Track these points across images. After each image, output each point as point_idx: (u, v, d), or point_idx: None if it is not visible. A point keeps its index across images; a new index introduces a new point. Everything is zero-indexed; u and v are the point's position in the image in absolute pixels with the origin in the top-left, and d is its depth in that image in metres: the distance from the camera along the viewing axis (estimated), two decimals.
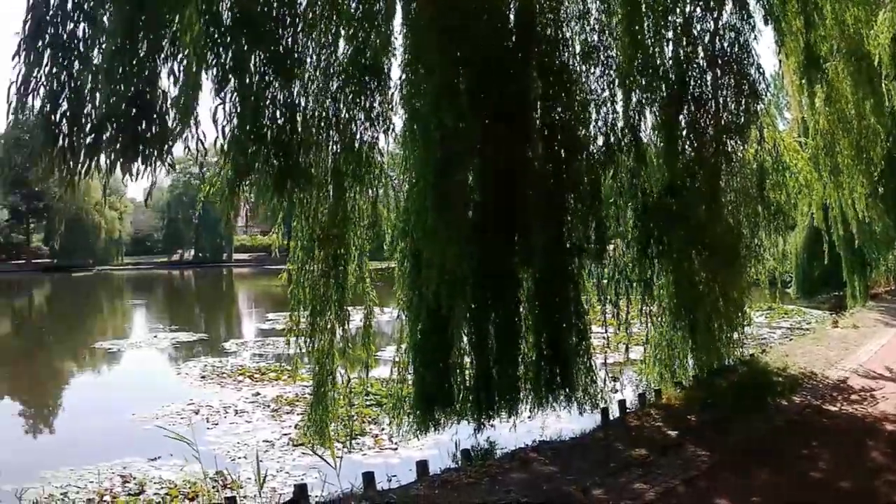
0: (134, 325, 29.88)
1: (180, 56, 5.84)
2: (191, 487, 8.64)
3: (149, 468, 9.64)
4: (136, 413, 12.26)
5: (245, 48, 6.20)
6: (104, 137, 5.74)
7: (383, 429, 10.19)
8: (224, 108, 6.24)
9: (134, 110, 5.74)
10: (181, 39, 5.78)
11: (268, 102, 6.48)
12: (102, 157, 5.77)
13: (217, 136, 6.29)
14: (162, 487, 8.92)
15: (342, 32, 7.32)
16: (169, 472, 9.38)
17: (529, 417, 8.71)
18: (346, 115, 7.36)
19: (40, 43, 5.59)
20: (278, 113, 6.59)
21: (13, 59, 5.61)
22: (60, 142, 5.70)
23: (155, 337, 23.00)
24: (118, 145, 5.75)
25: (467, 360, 8.20)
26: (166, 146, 5.91)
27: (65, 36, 5.65)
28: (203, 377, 15.56)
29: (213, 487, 8.42)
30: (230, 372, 15.89)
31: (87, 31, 5.74)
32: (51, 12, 5.60)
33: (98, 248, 65.55)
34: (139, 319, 32.33)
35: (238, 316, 35.00)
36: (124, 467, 9.67)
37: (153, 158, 5.86)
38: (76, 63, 5.69)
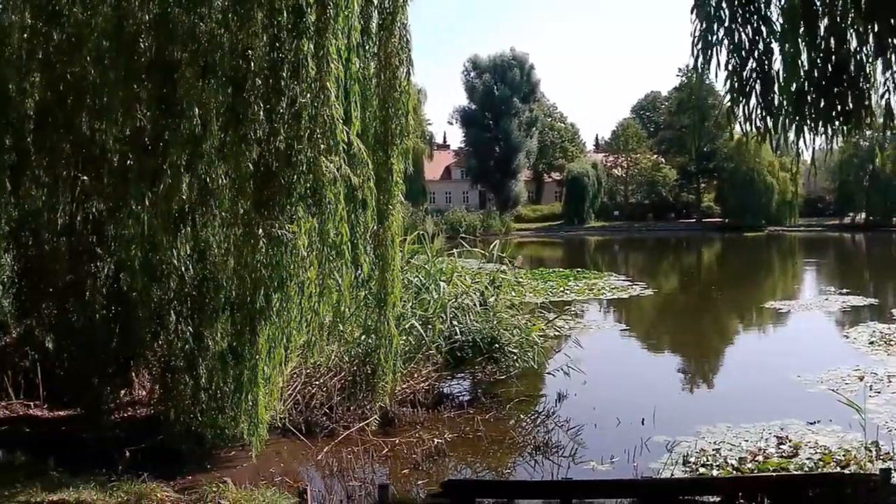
0: (804, 287, 29.55)
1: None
2: (844, 455, 8.71)
3: (807, 432, 9.69)
4: (800, 375, 12.62)
5: None
6: (807, 98, 5.62)
7: None
8: None
9: (829, 69, 5.58)
10: None
11: None
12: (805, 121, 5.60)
13: None
14: (816, 452, 8.93)
15: None
16: (826, 438, 9.40)
17: None
18: None
19: (714, 1, 5.69)
20: None
21: (691, 13, 5.71)
22: (752, 99, 5.70)
23: (826, 300, 22.68)
24: (820, 106, 5.65)
25: None
26: (865, 107, 5.70)
27: None
28: (871, 343, 15.35)
29: (867, 457, 8.52)
30: None
31: None
32: None
33: (770, 208, 64.98)
34: (809, 281, 31.89)
35: None
36: (782, 428, 9.77)
37: (854, 121, 5.70)
38: (754, 18, 5.71)
